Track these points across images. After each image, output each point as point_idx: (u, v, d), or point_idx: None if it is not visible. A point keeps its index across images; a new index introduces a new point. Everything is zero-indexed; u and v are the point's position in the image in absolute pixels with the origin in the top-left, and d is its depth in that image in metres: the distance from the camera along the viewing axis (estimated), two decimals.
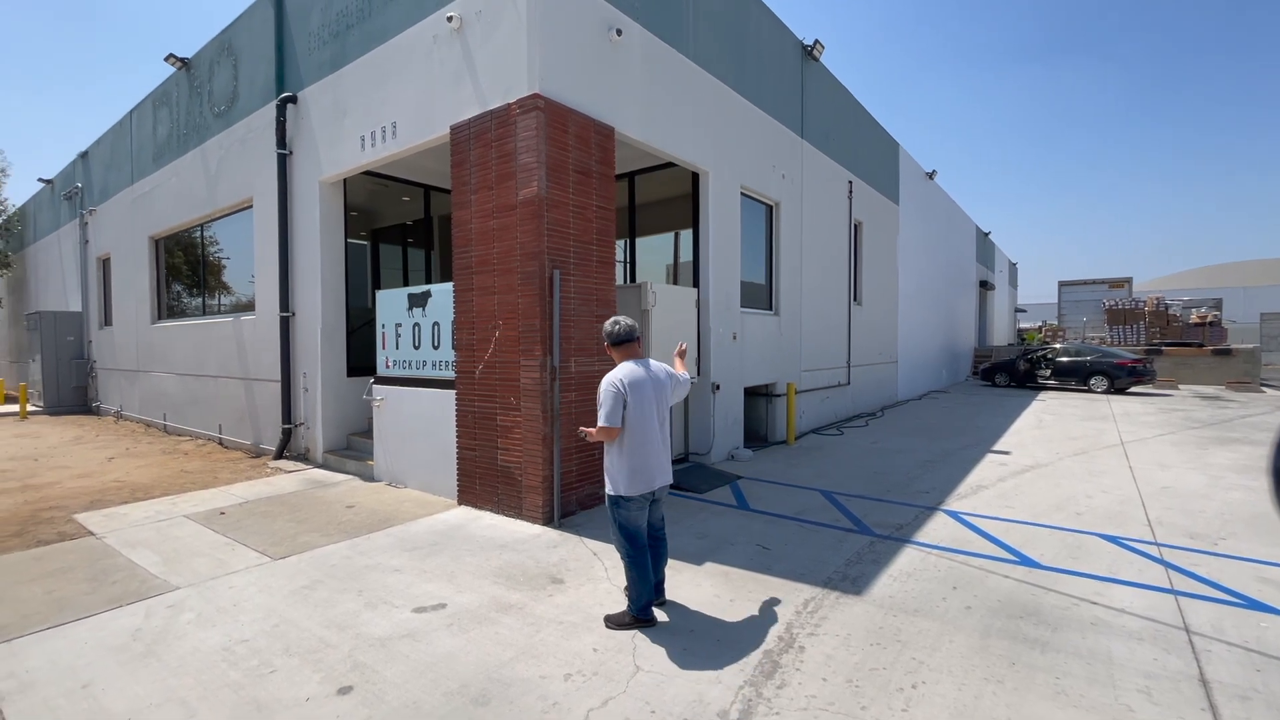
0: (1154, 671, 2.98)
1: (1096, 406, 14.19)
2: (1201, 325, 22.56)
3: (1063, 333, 27.88)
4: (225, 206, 9.55)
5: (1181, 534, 5.10)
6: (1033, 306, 44.10)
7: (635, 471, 3.43)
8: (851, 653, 3.19)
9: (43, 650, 3.30)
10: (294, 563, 4.56)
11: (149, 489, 6.87)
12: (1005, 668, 3.03)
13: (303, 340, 8.10)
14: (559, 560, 4.54)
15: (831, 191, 11.42)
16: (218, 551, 4.82)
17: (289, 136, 8.11)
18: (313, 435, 8.04)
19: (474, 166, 5.82)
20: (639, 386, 3.45)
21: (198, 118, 10.06)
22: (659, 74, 6.83)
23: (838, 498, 6.30)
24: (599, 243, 5.96)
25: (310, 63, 7.81)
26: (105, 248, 13.44)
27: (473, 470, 5.92)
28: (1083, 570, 4.30)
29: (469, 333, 5.92)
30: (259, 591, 4.05)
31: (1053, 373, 18.54)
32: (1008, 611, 3.65)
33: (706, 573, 4.30)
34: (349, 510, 5.92)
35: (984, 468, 7.68)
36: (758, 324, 8.96)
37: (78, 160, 14.67)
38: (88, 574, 4.38)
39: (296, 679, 2.99)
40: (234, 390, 9.38)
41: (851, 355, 12.28)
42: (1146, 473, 7.35)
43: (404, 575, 4.29)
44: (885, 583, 4.10)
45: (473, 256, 5.86)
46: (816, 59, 10.60)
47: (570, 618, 3.61)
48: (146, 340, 11.83)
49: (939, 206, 19.50)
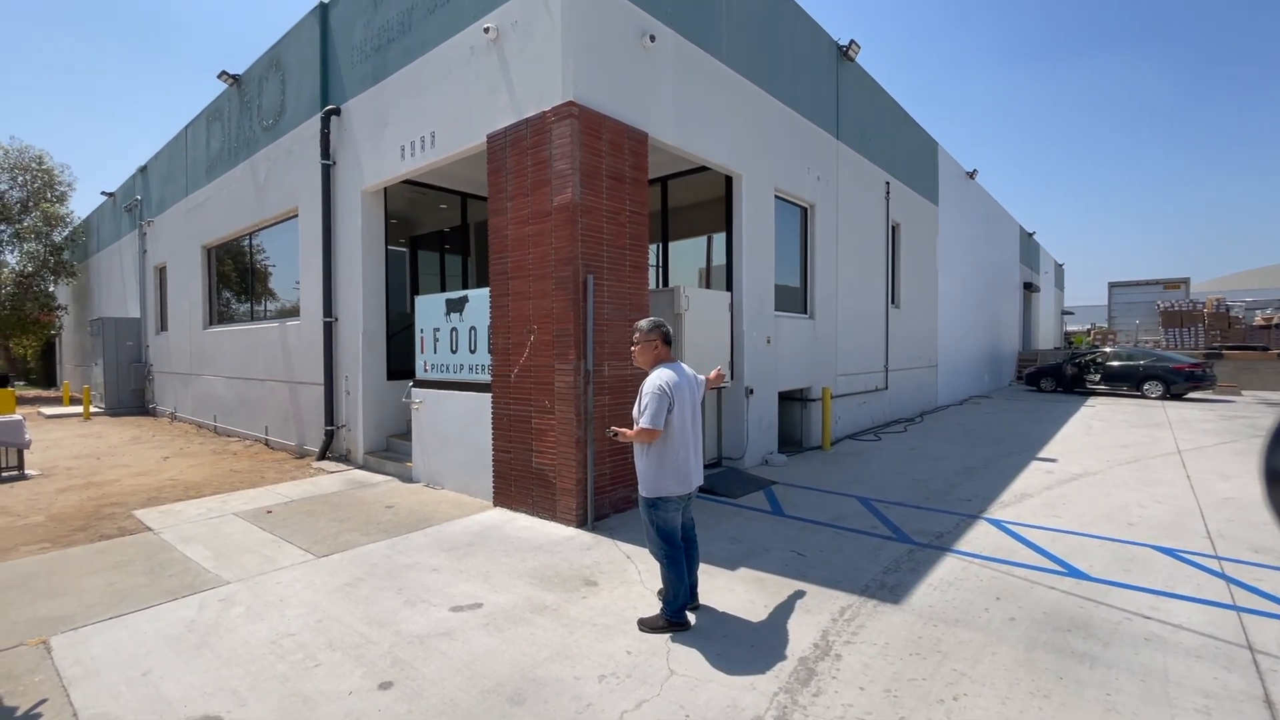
0: (1214, 690, 2.84)
1: (1150, 413, 13.58)
2: (1267, 328, 21.39)
3: (1114, 336, 26.78)
4: (272, 216, 9.93)
5: (1245, 547, 4.84)
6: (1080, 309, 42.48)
7: (676, 473, 3.45)
8: (890, 662, 3.12)
9: (105, 639, 3.47)
10: (336, 560, 4.70)
11: (201, 487, 7.17)
12: (1052, 682, 2.92)
13: (345, 344, 8.35)
14: (593, 562, 4.57)
15: (868, 193, 11.24)
16: (265, 548, 5.00)
17: (332, 147, 8.39)
18: (354, 437, 8.27)
19: (510, 174, 5.92)
20: (680, 389, 3.48)
21: (247, 131, 10.49)
22: (691, 78, 6.84)
23: (875, 505, 6.17)
24: (632, 247, 5.99)
25: (353, 76, 8.07)
26: (162, 257, 14.11)
27: (508, 472, 6.01)
28: (1136, 583, 4.12)
29: (504, 337, 6.01)
30: (304, 588, 4.18)
31: (1103, 377, 17.83)
32: (1054, 624, 3.52)
33: (740, 578, 4.26)
34: (388, 510, 6.07)
35: (1029, 475, 7.43)
36: (792, 327, 8.86)
37: (137, 174, 15.45)
38: (146, 567, 4.60)
39: (339, 673, 3.08)
40: (280, 393, 9.72)
41: (889, 359, 12.04)
42: (1206, 483, 7.00)
43: (441, 574, 4.38)
44: (924, 592, 4.01)
45: (508, 262, 5.96)
46: (852, 59, 10.46)
47: (604, 619, 3.63)
48: (199, 345, 12.37)
49: (980, 206, 18.98)
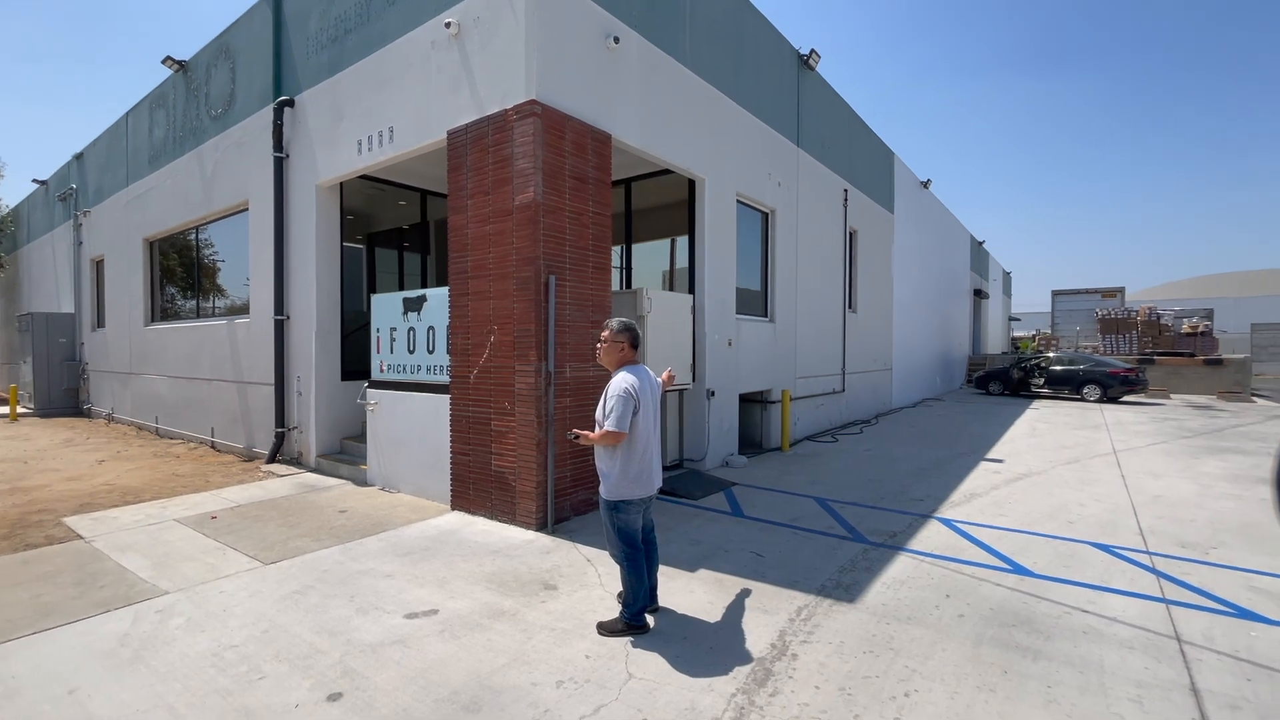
0: (1145, 680, 2.99)
1: (1089, 415, 14.25)
2: (1193, 335, 22.73)
3: (1056, 341, 28.03)
4: (221, 209, 9.53)
5: (1173, 543, 5.12)
6: (1026, 315, 44.31)
7: (639, 475, 3.45)
8: (844, 660, 3.18)
9: (28, 656, 3.26)
10: (285, 568, 4.53)
11: (139, 492, 6.82)
12: (997, 676, 3.03)
13: (297, 344, 8.08)
14: (552, 566, 4.52)
15: (827, 199, 11.48)
16: (208, 556, 4.79)
17: (286, 140, 8.11)
18: (306, 439, 8.00)
19: (470, 172, 5.83)
20: (644, 393, 3.47)
21: (194, 120, 10.05)
22: (656, 82, 6.87)
23: (832, 505, 6.30)
24: (595, 248, 5.97)
25: (308, 67, 7.82)
26: (99, 249, 13.39)
27: (466, 475, 5.90)
28: (1075, 579, 4.31)
29: (464, 338, 5.91)
30: (249, 596, 4.02)
31: (1046, 381, 18.64)
32: (1000, 620, 3.65)
33: (700, 579, 4.29)
34: (341, 515, 5.89)
35: (978, 476, 7.70)
36: (753, 331, 8.98)
37: (72, 162, 14.63)
38: (75, 578, 4.34)
39: (286, 685, 2.97)
40: (227, 393, 9.33)
41: (846, 362, 12.32)
42: (1138, 481, 7.38)
43: (396, 581, 4.27)
44: (879, 590, 4.10)
45: (468, 261, 5.86)
46: (813, 68, 10.68)
47: (563, 624, 3.60)
48: (139, 342, 11.77)
49: (934, 215, 19.62)
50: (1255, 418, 13.91)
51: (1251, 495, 6.69)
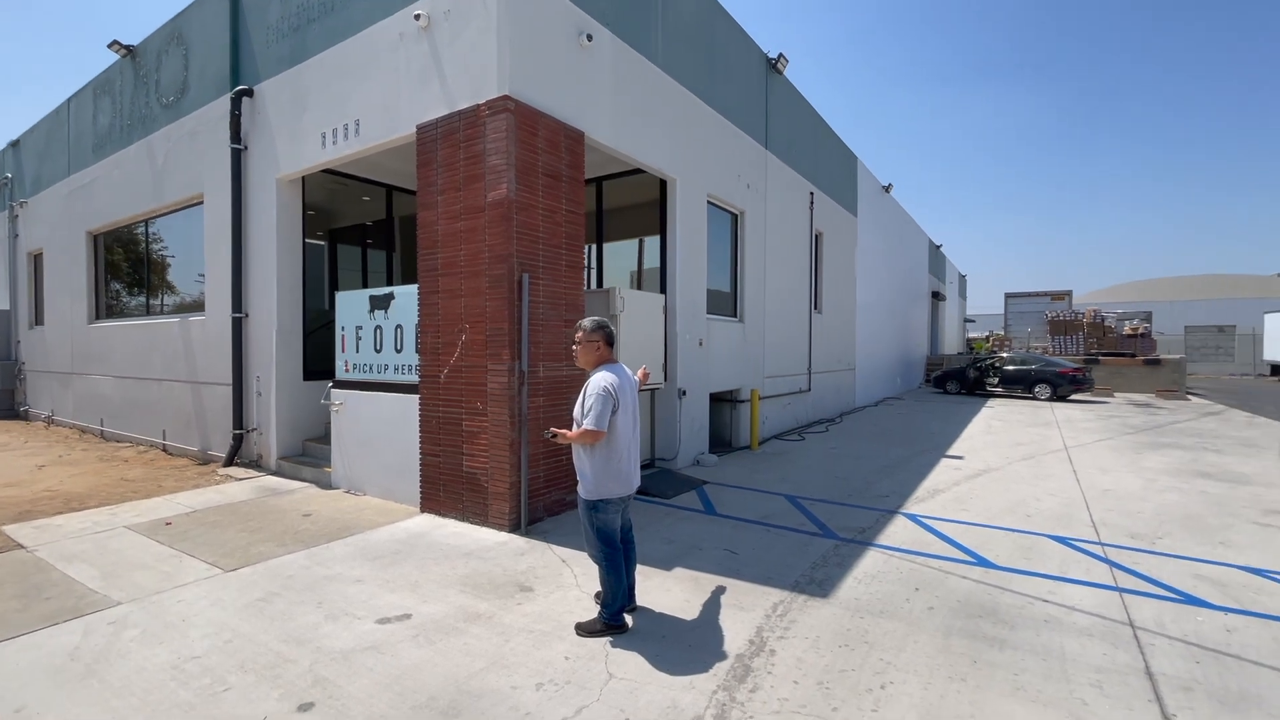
0: (1104, 666, 3.12)
1: (1041, 413, 14.84)
2: (1134, 337, 23.89)
3: (1009, 342, 29.10)
4: (173, 202, 9.13)
5: (1123, 534, 5.37)
6: (981, 317, 45.90)
7: (618, 474, 3.44)
8: (821, 655, 3.24)
9: None
10: (248, 574, 4.37)
11: (85, 499, 6.47)
12: (967, 666, 3.13)
13: (257, 342, 7.79)
14: (527, 568, 4.47)
15: (794, 202, 11.67)
16: (164, 564, 4.58)
17: (244, 131, 7.81)
18: (266, 441, 7.72)
19: (441, 167, 5.72)
20: (624, 391, 3.46)
21: (144, 108, 9.60)
22: (628, 81, 6.86)
23: (802, 502, 6.40)
24: (568, 247, 5.93)
25: (268, 56, 7.56)
26: (37, 242, 12.67)
27: (436, 477, 5.79)
28: (1035, 570, 4.48)
29: (434, 336, 5.80)
30: (210, 605, 3.86)
31: (1000, 381, 19.33)
32: (967, 611, 3.77)
33: (676, 578, 4.30)
34: (306, 519, 5.71)
35: (940, 472, 7.94)
36: (723, 330, 9.06)
37: (8, 149, 13.80)
38: (18, 590, 4.10)
39: (253, 697, 2.86)
40: (180, 394, 8.94)
41: (812, 362, 12.54)
42: (1089, 476, 7.72)
43: (366, 586, 4.16)
44: (851, 585, 4.19)
45: (438, 259, 5.75)
46: (780, 72, 10.83)
47: (541, 626, 3.56)
48: (83, 341, 11.18)
49: (894, 219, 20.13)
50: (1190, 415, 14.71)
51: (1191, 489, 7.07)
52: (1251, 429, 12.33)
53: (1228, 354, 33.15)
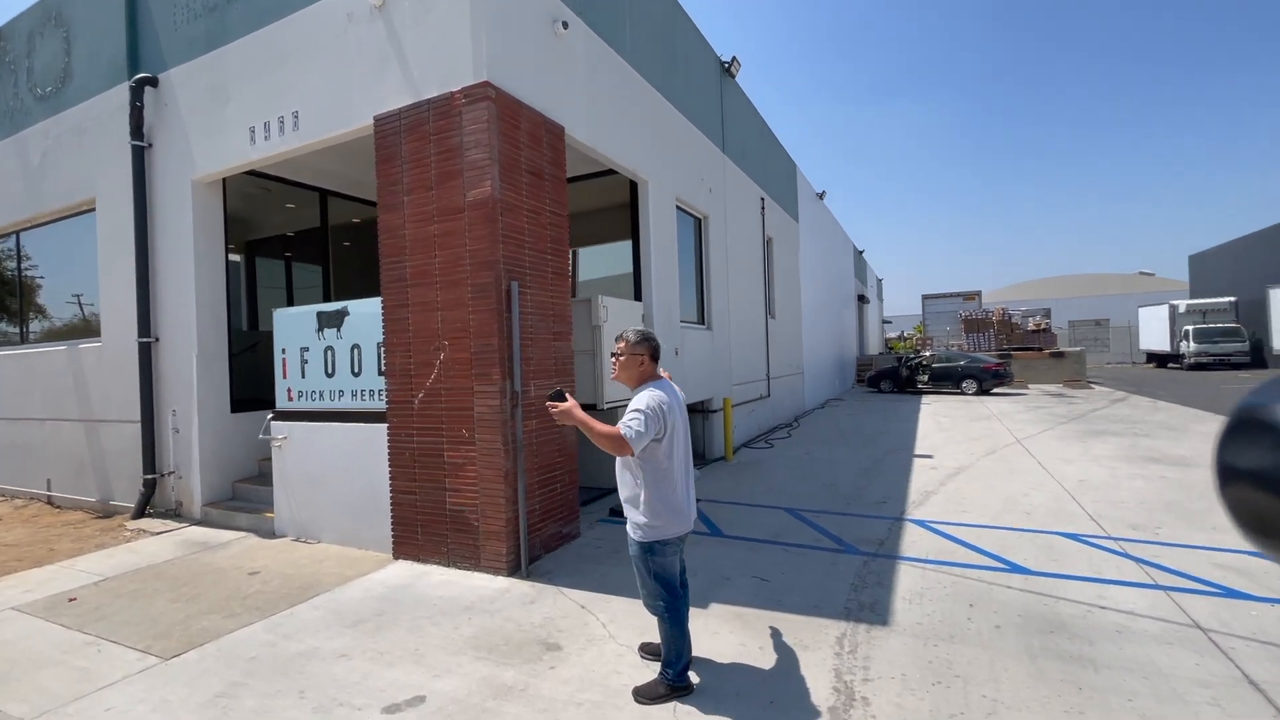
0: (1206, 679, 2.95)
1: (974, 408, 15.53)
2: (1038, 332, 25.81)
3: (929, 341, 30.72)
4: (55, 209, 7.74)
5: (1124, 526, 5.42)
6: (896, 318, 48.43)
7: (676, 509, 2.95)
8: (919, 698, 2.89)
9: None
10: (195, 661, 3.51)
11: None
12: (1074, 695, 2.87)
13: (171, 370, 6.67)
14: (544, 619, 3.88)
15: (748, 207, 11.57)
16: (76, 656, 3.62)
17: (148, 126, 6.70)
18: (187, 485, 6.60)
19: (406, 163, 5.03)
20: (674, 414, 2.96)
21: (12, 100, 8.13)
22: (601, 75, 6.41)
23: (805, 515, 6.12)
24: (553, 252, 5.39)
25: (177, 39, 6.52)
26: None
27: (413, 517, 5.04)
28: (1070, 573, 4.36)
29: (405, 356, 5.06)
30: (153, 711, 3.02)
31: (930, 378, 20.21)
32: (1035, 627, 3.55)
33: (717, 616, 3.85)
34: (254, 577, 4.80)
35: (920, 473, 7.92)
36: (695, 339, 8.73)
37: None
38: None
39: None
40: (70, 435, 7.55)
41: (770, 368, 12.47)
42: (1056, 468, 7.94)
43: (355, 661, 3.43)
44: (904, 608, 3.89)
45: (407, 267, 5.04)
46: (734, 76, 10.72)
47: (588, 695, 3.00)
48: None
49: (827, 225, 20.71)
50: (1103, 402, 15.86)
51: (1152, 474, 7.38)
52: (1160, 413, 13.38)
53: (1104, 345, 37.03)
